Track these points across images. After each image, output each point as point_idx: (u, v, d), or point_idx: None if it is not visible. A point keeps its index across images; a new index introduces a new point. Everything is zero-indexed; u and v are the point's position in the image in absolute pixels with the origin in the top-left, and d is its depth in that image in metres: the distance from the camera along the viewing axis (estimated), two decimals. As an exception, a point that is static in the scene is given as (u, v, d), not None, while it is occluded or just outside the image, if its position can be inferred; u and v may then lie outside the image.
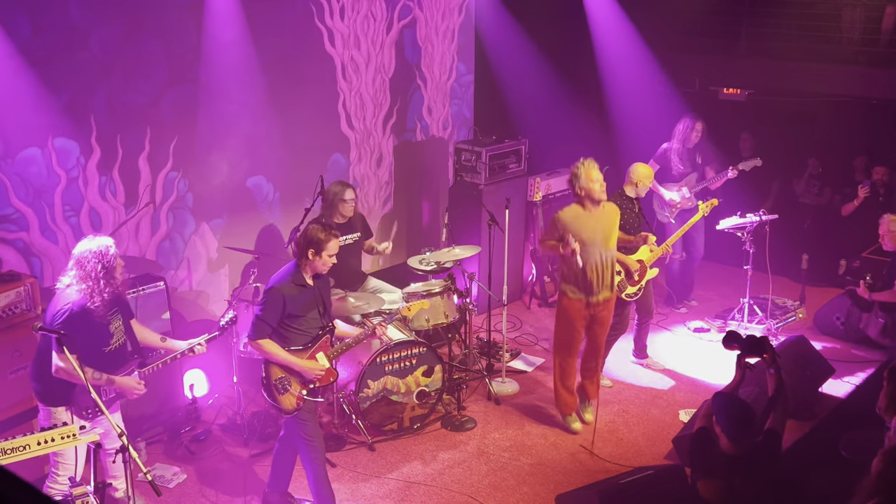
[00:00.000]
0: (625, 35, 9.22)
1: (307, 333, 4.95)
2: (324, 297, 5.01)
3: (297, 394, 4.91)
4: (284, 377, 4.91)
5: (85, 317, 4.43)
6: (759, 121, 9.55)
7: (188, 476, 5.71)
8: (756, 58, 9.24)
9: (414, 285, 6.73)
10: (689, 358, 7.54)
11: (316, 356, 4.98)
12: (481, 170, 8.13)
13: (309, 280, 4.91)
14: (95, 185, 6.18)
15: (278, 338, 4.89)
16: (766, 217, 7.67)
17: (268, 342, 4.85)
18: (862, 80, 8.72)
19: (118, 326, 4.67)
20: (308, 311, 4.91)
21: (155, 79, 6.40)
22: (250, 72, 6.95)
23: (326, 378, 5.02)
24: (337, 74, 7.80)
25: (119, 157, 6.29)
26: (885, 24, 8.76)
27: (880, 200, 8.31)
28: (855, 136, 9.22)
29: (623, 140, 9.23)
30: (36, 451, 3.96)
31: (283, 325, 4.87)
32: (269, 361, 4.91)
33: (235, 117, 7.00)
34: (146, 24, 6.27)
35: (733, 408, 4.20)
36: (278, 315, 4.82)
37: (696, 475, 4.26)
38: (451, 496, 5.54)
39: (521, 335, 7.96)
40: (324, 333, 5.02)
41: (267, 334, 4.84)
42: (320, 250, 4.83)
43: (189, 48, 6.55)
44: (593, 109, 9.59)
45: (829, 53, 8.88)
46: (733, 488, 4.16)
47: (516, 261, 8.43)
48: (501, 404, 6.70)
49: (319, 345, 5.00)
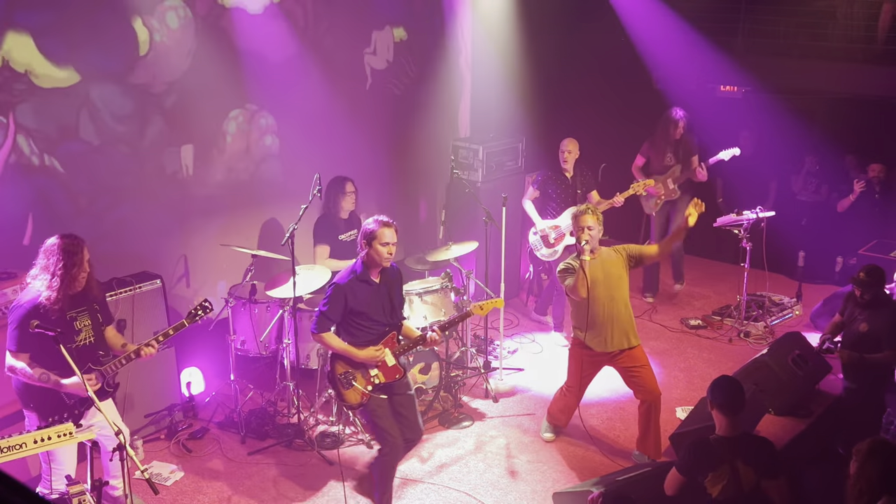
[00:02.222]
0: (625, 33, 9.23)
1: (372, 330, 4.97)
2: (391, 294, 5.02)
3: (363, 389, 4.93)
4: (349, 372, 4.95)
5: (44, 311, 4.36)
6: (756, 118, 9.54)
7: (185, 474, 5.70)
8: (753, 55, 9.25)
9: (411, 283, 6.73)
10: (685, 355, 7.55)
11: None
12: (478, 167, 8.13)
13: (374, 277, 4.96)
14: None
15: (346, 334, 4.97)
16: (762, 214, 7.69)
17: (329, 335, 4.92)
18: (859, 77, 8.72)
19: (86, 325, 4.58)
20: (372, 308, 4.93)
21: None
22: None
23: (392, 374, 5.02)
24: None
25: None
26: (882, 22, 8.77)
27: (876, 198, 8.32)
28: (852, 133, 9.22)
29: (619, 138, 9.23)
30: (33, 449, 3.95)
31: (348, 321, 4.93)
32: (335, 355, 4.99)
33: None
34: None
35: (724, 382, 4.49)
36: (340, 310, 4.88)
37: (703, 475, 4.28)
38: (449, 494, 5.55)
39: (518, 333, 7.96)
40: (390, 330, 5.03)
41: (328, 328, 4.91)
42: (372, 240, 4.86)
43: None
44: (591, 107, 9.58)
45: (826, 51, 8.89)
46: (737, 470, 4.24)
47: (513, 258, 8.43)
48: (499, 402, 6.70)
49: (385, 341, 5.01)
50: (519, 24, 8.95)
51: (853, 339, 6.05)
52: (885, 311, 5.98)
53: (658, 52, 9.25)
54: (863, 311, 6.04)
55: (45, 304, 4.38)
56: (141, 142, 6.48)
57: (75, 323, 4.54)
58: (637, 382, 5.67)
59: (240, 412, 6.21)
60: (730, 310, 8.25)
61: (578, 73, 9.58)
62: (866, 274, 6.03)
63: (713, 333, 7.97)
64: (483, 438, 6.21)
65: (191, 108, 6.74)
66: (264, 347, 6.33)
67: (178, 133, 6.71)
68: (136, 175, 6.49)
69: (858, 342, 5.97)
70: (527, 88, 9.03)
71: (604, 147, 9.26)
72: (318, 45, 7.63)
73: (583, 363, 5.72)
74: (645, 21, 9.18)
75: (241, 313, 6.28)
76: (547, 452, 6.04)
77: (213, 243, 7.00)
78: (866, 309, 6.02)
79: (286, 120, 7.50)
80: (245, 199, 7.30)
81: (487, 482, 5.67)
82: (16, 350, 4.42)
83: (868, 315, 6.00)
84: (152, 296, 6.04)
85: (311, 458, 5.89)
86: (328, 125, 7.76)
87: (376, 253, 4.89)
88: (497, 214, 6.86)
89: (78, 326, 4.55)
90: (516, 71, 8.96)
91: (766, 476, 4.29)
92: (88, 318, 4.62)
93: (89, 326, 4.62)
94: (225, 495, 5.51)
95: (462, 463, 5.89)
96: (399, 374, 5.05)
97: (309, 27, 7.53)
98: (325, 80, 7.65)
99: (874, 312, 5.98)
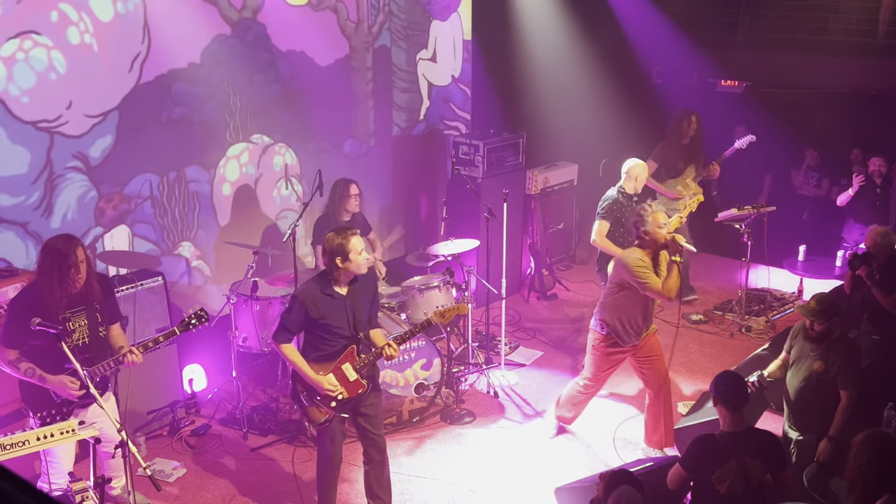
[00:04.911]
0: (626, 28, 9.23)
1: (334, 343, 4.76)
2: (355, 306, 4.76)
3: (325, 407, 4.76)
4: (307, 390, 4.79)
5: (38, 309, 4.34)
6: (756, 113, 9.54)
7: (188, 470, 5.71)
8: (754, 50, 9.24)
9: (413, 279, 6.74)
10: (687, 350, 7.55)
11: (342, 367, 4.77)
12: (479, 163, 8.13)
13: (340, 289, 4.72)
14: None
15: (309, 342, 4.79)
16: (763, 209, 7.68)
17: (288, 347, 4.74)
18: (859, 71, 8.72)
19: (80, 325, 4.56)
20: (334, 320, 4.71)
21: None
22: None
23: (354, 389, 4.79)
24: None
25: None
26: (882, 15, 8.76)
27: (878, 192, 8.32)
28: (852, 127, 9.22)
29: (621, 133, 9.23)
30: (35, 446, 3.97)
31: (310, 332, 4.76)
32: (294, 371, 4.80)
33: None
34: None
35: (727, 377, 4.48)
36: (300, 321, 4.69)
37: (710, 471, 4.29)
38: (451, 489, 5.56)
39: (519, 329, 7.97)
40: (349, 344, 4.79)
41: (287, 339, 4.73)
42: (346, 253, 4.63)
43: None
44: (592, 102, 9.58)
45: (826, 45, 8.88)
46: (744, 465, 4.25)
47: (514, 254, 8.44)
48: (500, 398, 6.71)
49: (345, 355, 4.79)
50: (520, 19, 8.95)
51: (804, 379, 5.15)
52: (840, 348, 5.06)
53: (658, 47, 9.25)
54: (815, 347, 5.12)
55: (42, 303, 4.37)
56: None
57: (69, 324, 4.49)
58: (653, 371, 5.70)
59: (242, 408, 6.22)
60: (731, 305, 8.25)
61: (580, 68, 9.58)
62: (818, 302, 5.11)
63: (714, 328, 7.97)
64: (485, 434, 6.22)
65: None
66: (266, 344, 6.34)
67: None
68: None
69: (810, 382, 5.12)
70: (527, 83, 9.04)
71: (605, 142, 9.27)
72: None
73: (610, 361, 5.74)
74: (645, 16, 9.17)
75: (242, 310, 6.29)
76: (549, 448, 6.05)
77: (216, 240, 7.01)
78: (817, 343, 5.10)
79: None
80: (247, 196, 7.31)
81: (489, 477, 5.68)
82: (6, 345, 4.41)
83: (822, 351, 5.09)
84: (154, 292, 6.05)
85: (313, 453, 5.89)
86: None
87: (355, 265, 4.66)
88: (498, 210, 6.86)
89: (72, 327, 4.51)
90: (517, 66, 8.96)
91: (773, 470, 4.30)
92: (85, 318, 4.58)
93: (84, 327, 4.58)
94: (227, 492, 5.52)
95: (464, 458, 5.90)
96: (362, 389, 4.82)
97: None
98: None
99: (828, 349, 5.07)
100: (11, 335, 4.41)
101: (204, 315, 4.71)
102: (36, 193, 5.81)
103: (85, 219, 6.11)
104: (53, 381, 4.42)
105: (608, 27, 9.32)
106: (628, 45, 9.27)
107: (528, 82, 9.07)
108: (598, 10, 9.24)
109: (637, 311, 5.55)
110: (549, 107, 9.21)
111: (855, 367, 5.04)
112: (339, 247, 4.61)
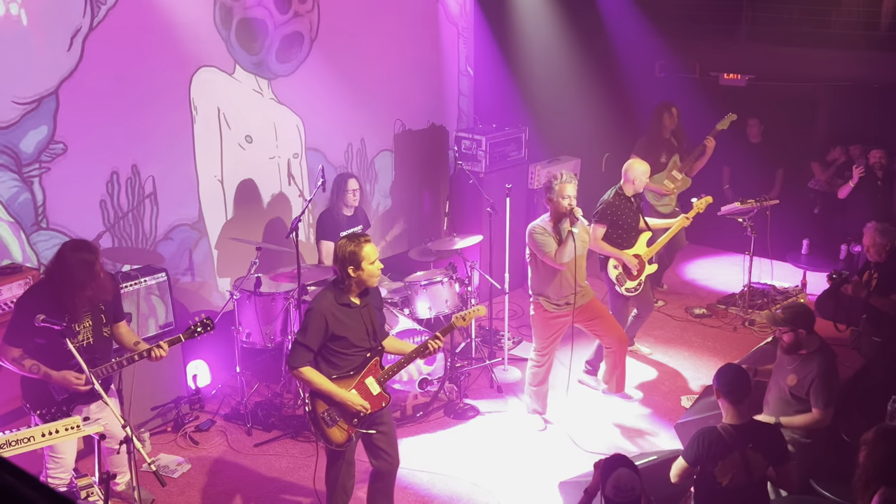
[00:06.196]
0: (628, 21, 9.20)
1: (355, 357, 4.53)
2: (372, 316, 4.57)
3: (348, 426, 4.56)
4: (332, 408, 4.53)
5: (53, 312, 4.34)
6: (759, 107, 9.52)
7: (192, 466, 5.73)
8: (757, 43, 9.21)
9: (416, 274, 6.74)
10: (690, 344, 7.55)
11: (365, 381, 4.58)
12: (482, 158, 8.11)
13: (354, 299, 4.49)
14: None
15: (324, 363, 4.51)
16: (766, 203, 7.67)
17: (309, 370, 4.43)
18: (863, 63, 8.69)
19: (86, 326, 4.55)
20: (354, 333, 4.48)
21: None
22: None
23: (378, 403, 4.59)
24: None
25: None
26: (885, 7, 8.73)
27: (879, 184, 8.29)
28: (856, 120, 9.19)
29: (624, 127, 9.21)
30: (40, 442, 3.98)
31: (327, 349, 4.47)
32: (314, 392, 4.53)
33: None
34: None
35: (729, 370, 4.51)
36: (321, 338, 4.42)
37: (713, 463, 4.29)
38: (455, 483, 5.57)
39: (522, 324, 7.96)
40: (372, 356, 4.60)
41: (308, 361, 4.44)
42: (359, 262, 4.41)
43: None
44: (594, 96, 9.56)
45: (829, 38, 8.85)
46: (746, 457, 4.25)
47: (518, 248, 8.42)
48: (503, 392, 6.72)
49: (369, 369, 4.58)
50: (521, 14, 8.92)
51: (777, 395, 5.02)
52: (814, 363, 4.86)
53: (661, 40, 9.22)
54: (791, 360, 4.95)
55: (62, 308, 4.37)
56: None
57: (74, 325, 4.48)
58: (605, 329, 6.14)
59: (246, 404, 6.23)
60: (734, 298, 8.25)
61: (582, 62, 9.55)
62: (783, 310, 4.98)
63: (718, 322, 7.97)
64: (488, 428, 6.23)
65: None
66: (270, 340, 6.35)
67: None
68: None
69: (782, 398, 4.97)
70: (530, 77, 9.02)
71: (608, 136, 9.25)
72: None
73: (552, 326, 6.02)
74: (648, 10, 9.15)
75: (246, 306, 6.30)
76: (552, 442, 6.05)
77: (220, 236, 7.01)
78: (790, 356, 4.95)
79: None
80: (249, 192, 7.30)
81: (493, 471, 5.69)
82: (11, 343, 4.42)
83: (796, 365, 4.93)
84: (158, 289, 6.06)
85: (316, 448, 5.89)
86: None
87: (367, 274, 4.45)
88: (501, 205, 6.86)
89: (77, 328, 4.50)
90: (519, 60, 8.94)
91: (775, 462, 4.31)
92: (90, 319, 4.58)
93: (89, 328, 4.58)
94: (232, 487, 5.53)
95: (468, 453, 5.91)
96: (385, 402, 4.62)
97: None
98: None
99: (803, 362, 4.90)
100: (17, 333, 4.42)
101: (209, 323, 4.70)
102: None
103: (26, 220, 5.59)
104: (58, 377, 4.43)
105: (611, 21, 9.29)
106: (631, 39, 9.24)
107: (531, 76, 9.05)
108: (602, 4, 9.21)
109: (559, 274, 5.84)
110: (552, 101, 9.19)
111: (829, 384, 4.81)
112: (351, 255, 4.41)
